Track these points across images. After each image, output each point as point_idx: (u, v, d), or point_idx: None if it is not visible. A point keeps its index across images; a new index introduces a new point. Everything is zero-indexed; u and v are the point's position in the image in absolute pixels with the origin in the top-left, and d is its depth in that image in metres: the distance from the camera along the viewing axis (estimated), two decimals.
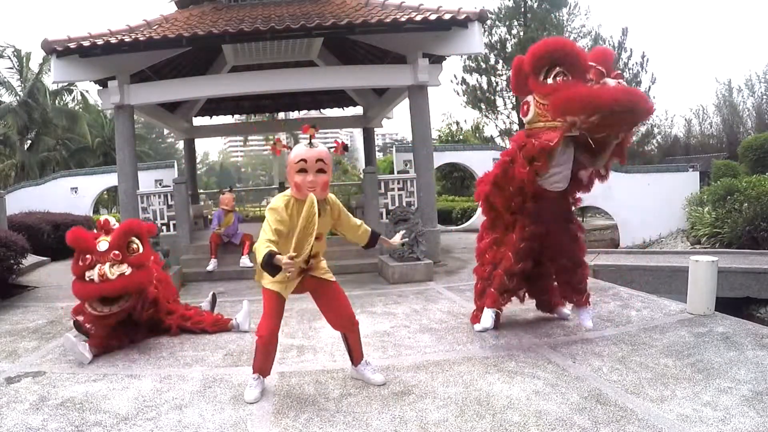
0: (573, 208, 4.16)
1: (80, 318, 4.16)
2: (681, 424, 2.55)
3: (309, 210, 2.72)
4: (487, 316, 4.00)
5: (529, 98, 3.68)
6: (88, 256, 3.86)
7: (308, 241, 2.75)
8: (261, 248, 2.68)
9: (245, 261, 7.56)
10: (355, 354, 3.26)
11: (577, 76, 3.33)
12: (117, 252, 3.91)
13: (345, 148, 3.04)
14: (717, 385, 2.98)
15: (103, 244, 3.92)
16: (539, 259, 4.09)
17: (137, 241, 4.11)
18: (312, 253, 2.90)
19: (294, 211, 2.82)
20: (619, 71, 3.47)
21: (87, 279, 3.82)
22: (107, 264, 3.85)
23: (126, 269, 3.89)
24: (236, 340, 4.25)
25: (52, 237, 9.69)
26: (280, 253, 2.64)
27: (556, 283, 4.24)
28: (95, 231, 4.13)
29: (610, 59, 3.58)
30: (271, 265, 2.61)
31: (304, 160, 2.77)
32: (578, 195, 4.14)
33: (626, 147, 3.82)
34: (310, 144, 2.82)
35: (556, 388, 3.03)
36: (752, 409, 2.66)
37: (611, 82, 3.29)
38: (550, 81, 3.41)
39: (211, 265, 7.55)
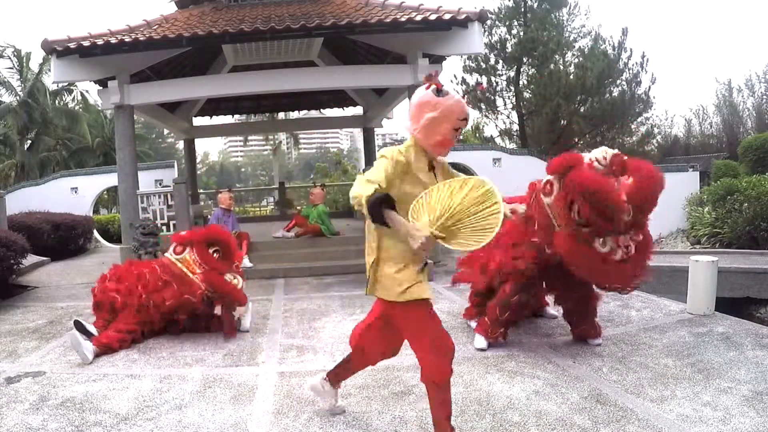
0: None
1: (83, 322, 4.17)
2: (681, 424, 2.55)
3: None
4: (480, 340, 3.87)
5: (554, 181, 3.26)
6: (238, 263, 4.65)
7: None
8: (361, 187, 2.00)
9: (245, 261, 7.54)
10: (345, 376, 2.80)
11: (600, 230, 3.09)
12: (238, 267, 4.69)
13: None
14: (717, 385, 2.98)
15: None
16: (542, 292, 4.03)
17: None
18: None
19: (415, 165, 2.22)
20: (638, 238, 3.16)
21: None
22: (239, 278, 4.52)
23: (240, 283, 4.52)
24: (236, 340, 4.25)
25: (52, 237, 9.68)
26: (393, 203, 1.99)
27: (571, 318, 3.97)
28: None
29: (655, 201, 3.17)
30: (379, 212, 1.94)
31: (465, 120, 2.26)
32: None
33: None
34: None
35: (556, 388, 3.03)
36: (752, 409, 2.66)
37: (618, 255, 3.12)
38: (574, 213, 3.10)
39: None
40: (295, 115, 18.07)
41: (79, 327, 4.13)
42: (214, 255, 4.42)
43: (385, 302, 2.35)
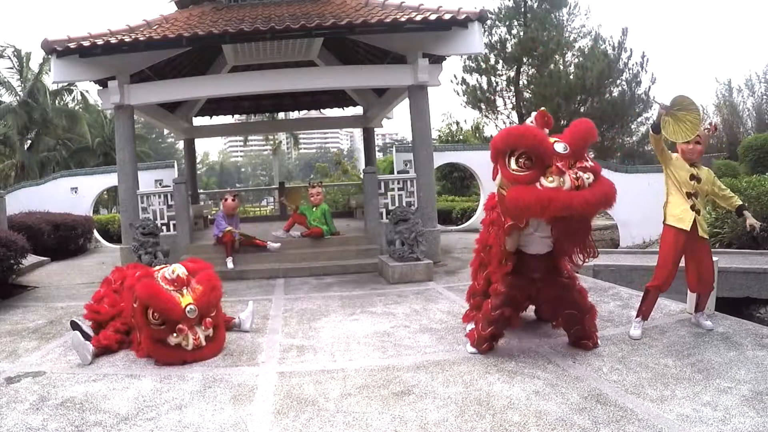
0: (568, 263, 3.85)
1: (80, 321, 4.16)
2: (681, 424, 2.55)
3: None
4: (470, 346, 3.84)
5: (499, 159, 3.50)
6: (181, 326, 3.63)
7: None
8: None
9: (228, 263, 7.59)
10: (700, 305, 4.12)
11: (538, 164, 3.21)
12: (210, 320, 3.83)
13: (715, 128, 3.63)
14: (717, 385, 2.98)
15: (191, 309, 3.69)
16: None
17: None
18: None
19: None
20: (585, 167, 3.23)
21: (172, 344, 3.68)
22: (200, 331, 3.76)
23: (211, 332, 3.86)
24: (236, 340, 4.25)
25: (52, 237, 9.68)
26: None
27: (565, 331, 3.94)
28: (161, 279, 3.81)
29: (587, 138, 3.39)
30: None
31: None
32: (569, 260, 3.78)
33: (587, 237, 3.56)
34: None
35: (556, 388, 3.03)
36: (752, 409, 2.66)
37: (567, 182, 3.14)
38: (513, 164, 3.27)
39: (230, 263, 7.56)
40: (295, 115, 18.07)
41: (76, 327, 4.12)
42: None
43: None
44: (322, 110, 15.76)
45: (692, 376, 3.14)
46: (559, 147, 3.24)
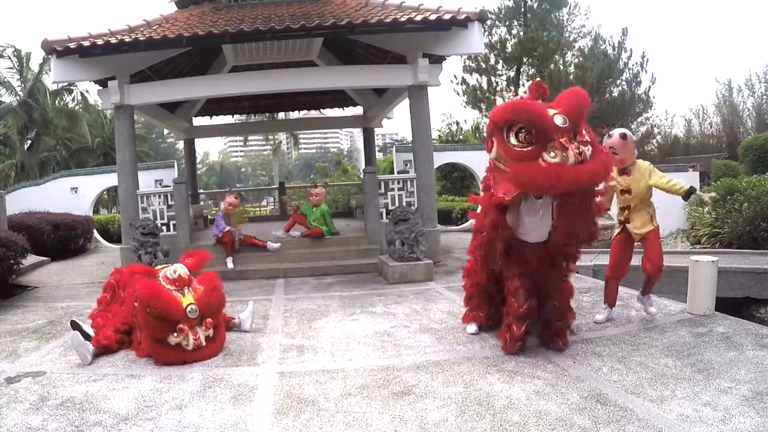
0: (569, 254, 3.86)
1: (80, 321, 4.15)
2: (681, 424, 2.55)
3: None
4: (471, 326, 4.20)
5: (490, 135, 3.50)
6: (182, 326, 3.64)
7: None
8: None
9: (228, 263, 7.59)
10: (646, 288, 4.45)
11: (539, 139, 3.17)
12: (211, 320, 3.83)
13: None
14: (717, 385, 2.98)
15: (192, 309, 3.70)
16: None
17: None
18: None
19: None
20: (584, 140, 3.20)
21: (172, 344, 3.68)
22: (201, 332, 3.76)
23: (211, 332, 3.85)
24: (236, 340, 4.25)
25: (52, 237, 9.68)
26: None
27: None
28: (163, 279, 3.86)
29: (583, 108, 3.35)
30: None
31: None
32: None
33: (595, 212, 3.55)
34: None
35: (556, 388, 3.03)
36: (752, 409, 2.66)
37: (571, 157, 3.10)
38: (513, 139, 3.24)
39: (230, 263, 7.56)
40: (295, 115, 18.07)
41: (76, 327, 4.12)
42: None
43: None
44: (322, 110, 15.76)
45: (692, 376, 3.14)
46: (559, 120, 3.20)
